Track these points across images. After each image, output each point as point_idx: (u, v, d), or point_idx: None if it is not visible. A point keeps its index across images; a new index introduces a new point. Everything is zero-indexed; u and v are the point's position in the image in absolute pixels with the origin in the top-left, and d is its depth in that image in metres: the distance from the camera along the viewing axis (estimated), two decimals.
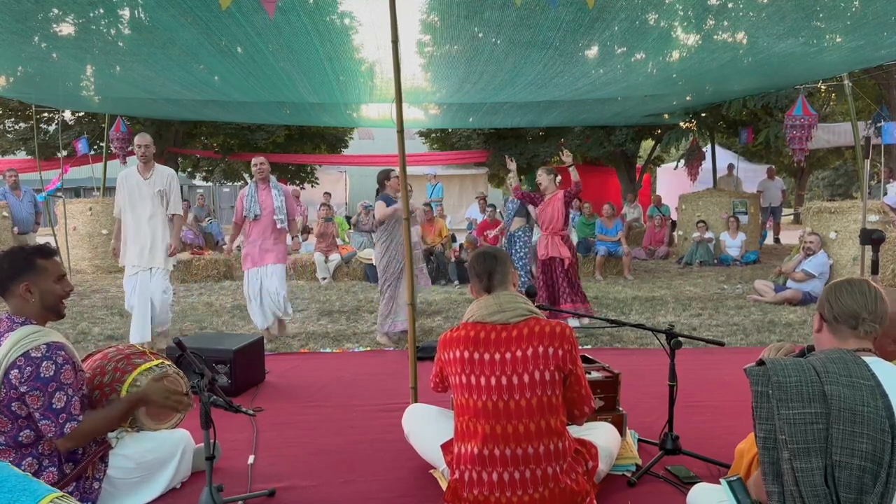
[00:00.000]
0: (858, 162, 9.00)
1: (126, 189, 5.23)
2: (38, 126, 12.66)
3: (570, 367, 2.41)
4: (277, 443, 3.34)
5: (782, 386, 1.73)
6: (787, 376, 1.75)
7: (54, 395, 2.30)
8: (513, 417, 2.36)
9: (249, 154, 16.27)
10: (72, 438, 2.35)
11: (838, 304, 1.90)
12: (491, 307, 2.48)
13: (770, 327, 6.08)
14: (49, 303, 2.46)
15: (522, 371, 2.36)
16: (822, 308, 1.95)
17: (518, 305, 2.48)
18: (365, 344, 5.59)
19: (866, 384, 1.70)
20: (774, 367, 1.79)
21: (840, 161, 21.82)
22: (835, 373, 1.73)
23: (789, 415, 1.69)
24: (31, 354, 2.28)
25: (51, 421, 2.30)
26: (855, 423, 1.65)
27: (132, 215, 5.22)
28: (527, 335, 2.40)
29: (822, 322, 1.95)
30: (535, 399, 2.35)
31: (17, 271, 2.40)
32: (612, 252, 9.90)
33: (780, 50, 6.13)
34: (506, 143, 16.18)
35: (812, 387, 1.71)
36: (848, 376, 1.72)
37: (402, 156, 3.60)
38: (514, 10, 5.07)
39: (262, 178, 5.73)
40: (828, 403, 1.68)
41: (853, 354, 1.80)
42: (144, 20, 5.53)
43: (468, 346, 2.43)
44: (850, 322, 1.87)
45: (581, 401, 2.50)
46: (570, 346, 2.41)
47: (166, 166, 5.52)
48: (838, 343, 1.89)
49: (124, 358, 2.76)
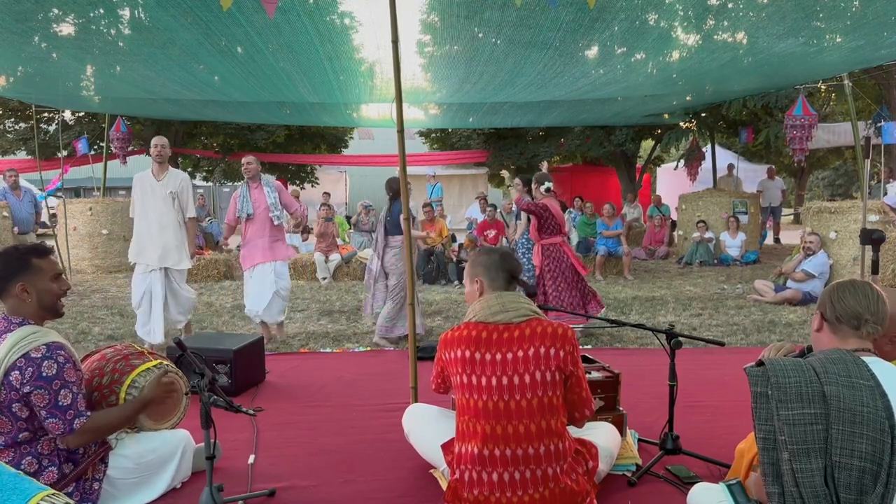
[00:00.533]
0: (858, 162, 8.99)
1: (140, 190, 5.33)
2: (38, 126, 12.66)
3: (572, 368, 2.41)
4: (277, 443, 3.34)
5: (781, 387, 1.73)
6: (787, 377, 1.74)
7: (59, 392, 2.30)
8: (513, 418, 2.35)
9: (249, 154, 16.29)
10: (81, 434, 2.36)
11: (841, 304, 1.90)
12: (494, 307, 2.47)
13: (770, 327, 6.08)
14: (46, 302, 2.44)
15: (524, 371, 2.35)
16: (824, 308, 1.95)
17: (521, 305, 2.47)
18: (365, 344, 5.59)
19: (866, 384, 1.69)
20: (774, 367, 1.78)
21: (840, 161, 21.81)
22: (834, 373, 1.73)
23: (789, 415, 1.69)
24: (32, 355, 2.28)
25: (58, 419, 2.30)
26: (854, 423, 1.64)
27: (144, 216, 5.29)
28: (529, 336, 2.39)
29: (823, 322, 1.95)
30: (535, 400, 2.35)
31: (12, 271, 2.39)
32: (612, 252, 9.90)
33: (780, 50, 6.13)
34: (506, 143, 16.18)
35: (811, 387, 1.71)
36: (847, 377, 1.72)
37: (402, 156, 3.60)
38: (514, 11, 5.07)
39: (251, 176, 5.67)
40: (827, 404, 1.68)
41: (852, 354, 1.80)
42: (144, 20, 5.53)
43: (469, 346, 2.42)
44: (852, 323, 1.87)
45: (581, 403, 2.50)
46: (570, 347, 2.40)
47: (181, 171, 5.59)
48: (838, 343, 1.89)
49: (122, 359, 2.76)
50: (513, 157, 16.18)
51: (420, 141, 20.16)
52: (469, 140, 17.48)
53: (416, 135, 19.33)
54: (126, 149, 11.34)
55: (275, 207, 5.59)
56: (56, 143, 13.09)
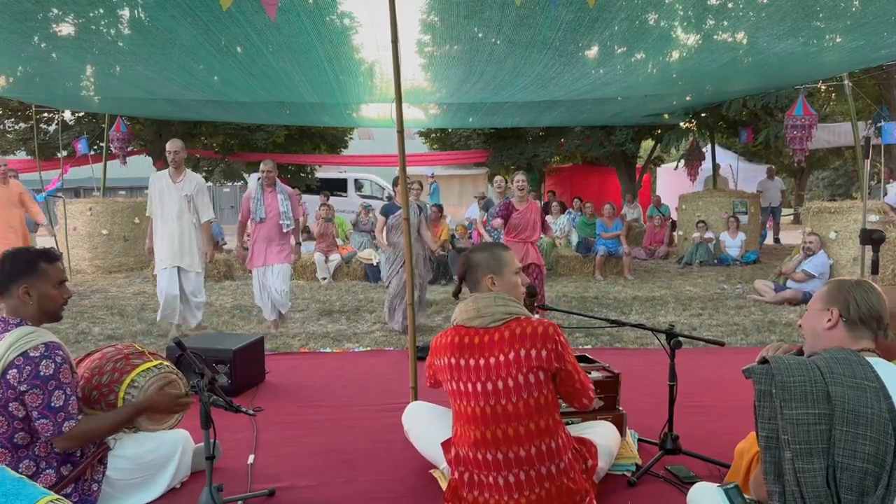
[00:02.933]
0: (858, 162, 8.99)
1: (157, 190, 5.58)
2: (38, 126, 12.66)
3: (557, 365, 2.34)
4: (277, 443, 3.34)
5: (786, 386, 1.72)
6: (791, 376, 1.73)
7: (53, 393, 2.30)
8: (501, 422, 2.33)
9: (249, 154, 16.27)
10: (70, 438, 2.35)
11: (866, 304, 1.85)
12: (470, 312, 2.44)
13: (770, 327, 6.08)
14: (46, 307, 2.46)
15: (506, 375, 2.31)
16: (846, 306, 1.87)
17: (495, 310, 2.40)
18: (365, 344, 5.59)
19: (871, 385, 1.68)
20: (779, 366, 1.77)
21: (840, 161, 21.82)
22: (840, 374, 1.71)
23: (792, 415, 1.68)
24: (30, 354, 2.28)
25: (48, 420, 2.30)
26: (858, 424, 1.64)
27: (161, 216, 5.57)
28: (508, 338, 2.34)
29: (840, 319, 1.88)
30: (521, 402, 2.32)
31: (17, 273, 2.40)
32: (612, 252, 9.90)
33: (780, 50, 6.12)
34: (506, 143, 16.18)
35: (816, 387, 1.70)
36: (853, 377, 1.70)
37: (402, 156, 3.60)
38: (514, 10, 5.06)
39: (270, 183, 5.97)
40: (832, 405, 1.67)
41: (857, 355, 1.78)
42: (144, 20, 5.52)
43: (455, 353, 2.41)
44: (872, 325, 1.85)
45: (578, 394, 2.44)
46: (553, 344, 2.32)
47: (197, 174, 5.85)
48: (851, 343, 1.85)
49: (123, 358, 2.76)
50: (513, 158, 16.19)
51: (420, 141, 20.15)
52: (469, 140, 17.48)
53: (416, 135, 19.32)
54: (126, 149, 11.32)
55: (286, 216, 5.91)
56: (56, 143, 13.08)
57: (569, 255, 10.24)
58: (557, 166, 19.57)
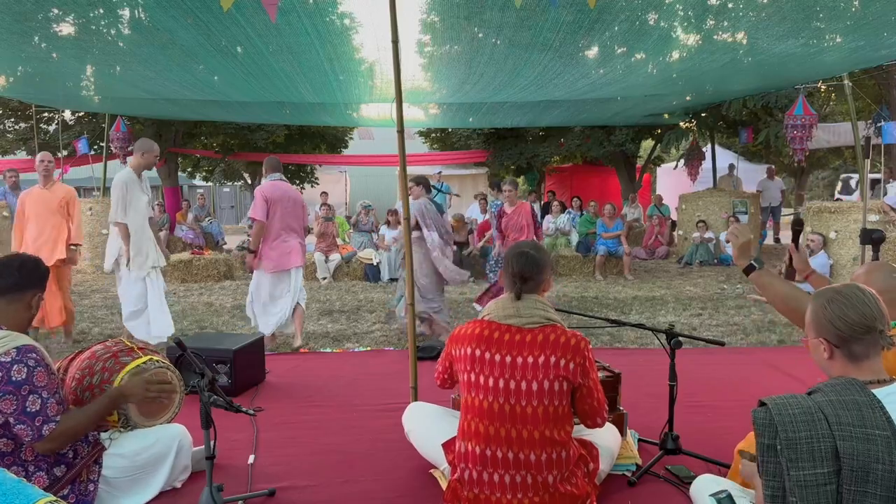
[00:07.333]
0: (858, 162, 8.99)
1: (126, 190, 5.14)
2: (38, 126, 12.66)
3: (581, 380, 2.36)
4: (277, 443, 3.34)
5: (791, 443, 1.59)
6: (797, 431, 1.60)
7: (28, 398, 2.25)
8: (517, 422, 2.33)
9: (249, 154, 16.25)
10: (51, 440, 2.31)
11: (846, 322, 1.69)
12: (508, 309, 2.45)
13: (770, 327, 6.09)
14: (33, 316, 2.53)
15: (532, 378, 2.32)
16: (827, 332, 1.72)
17: (536, 312, 2.42)
18: (365, 344, 5.59)
19: (881, 435, 1.57)
20: (783, 417, 1.62)
21: (840, 161, 21.81)
22: (848, 424, 1.59)
23: (800, 476, 1.57)
24: (1, 360, 2.24)
25: (26, 425, 2.26)
26: (868, 482, 1.55)
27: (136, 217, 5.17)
28: (540, 342, 2.36)
29: (833, 348, 1.73)
30: (540, 408, 2.32)
31: (36, 280, 2.47)
32: (612, 252, 9.90)
33: (780, 50, 6.12)
34: (506, 143, 16.17)
35: (824, 443, 1.58)
36: (861, 426, 1.58)
37: (402, 156, 3.60)
38: (514, 11, 5.06)
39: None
40: (840, 461, 1.57)
41: (865, 390, 1.64)
42: (144, 20, 5.53)
43: (479, 344, 2.40)
44: (865, 339, 1.68)
45: (593, 412, 2.45)
46: (582, 359, 2.35)
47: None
48: (855, 371, 1.71)
49: (112, 356, 2.74)
50: (513, 157, 16.18)
51: (420, 141, 20.14)
52: (469, 140, 17.47)
53: (416, 135, 19.31)
54: (126, 149, 11.30)
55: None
56: (56, 143, 13.07)
57: (569, 255, 10.24)
58: (557, 166, 19.55)
